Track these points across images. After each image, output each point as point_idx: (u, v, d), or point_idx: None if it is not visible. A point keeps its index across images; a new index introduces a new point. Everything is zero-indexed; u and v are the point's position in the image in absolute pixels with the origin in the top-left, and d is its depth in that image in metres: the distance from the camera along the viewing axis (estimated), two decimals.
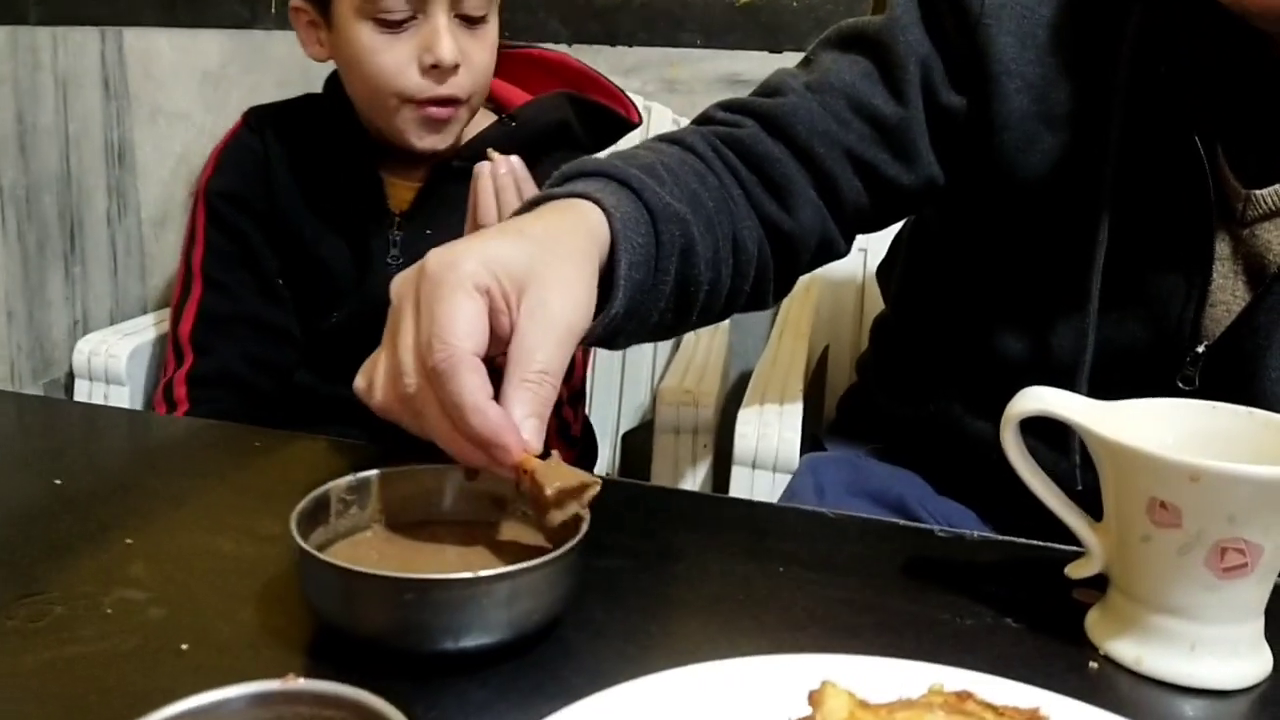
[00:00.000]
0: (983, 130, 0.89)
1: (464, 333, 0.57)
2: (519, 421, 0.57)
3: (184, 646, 0.57)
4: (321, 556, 0.55)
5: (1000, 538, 0.74)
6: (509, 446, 0.56)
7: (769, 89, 0.93)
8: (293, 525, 0.58)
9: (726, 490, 1.28)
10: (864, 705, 0.43)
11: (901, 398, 1.06)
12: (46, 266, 1.81)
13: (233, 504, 0.75)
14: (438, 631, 0.54)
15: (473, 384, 0.56)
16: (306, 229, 1.31)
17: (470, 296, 0.58)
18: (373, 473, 0.66)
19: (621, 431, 1.78)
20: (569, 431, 1.33)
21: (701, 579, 0.67)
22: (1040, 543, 0.73)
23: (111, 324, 1.79)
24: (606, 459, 1.74)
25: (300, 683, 0.45)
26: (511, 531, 0.66)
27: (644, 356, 1.77)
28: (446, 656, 0.54)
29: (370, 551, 0.64)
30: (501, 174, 1.01)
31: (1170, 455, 0.55)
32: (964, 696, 0.47)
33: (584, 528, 0.59)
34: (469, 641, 0.54)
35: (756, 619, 0.63)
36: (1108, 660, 0.59)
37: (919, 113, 0.90)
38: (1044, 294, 0.90)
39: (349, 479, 0.65)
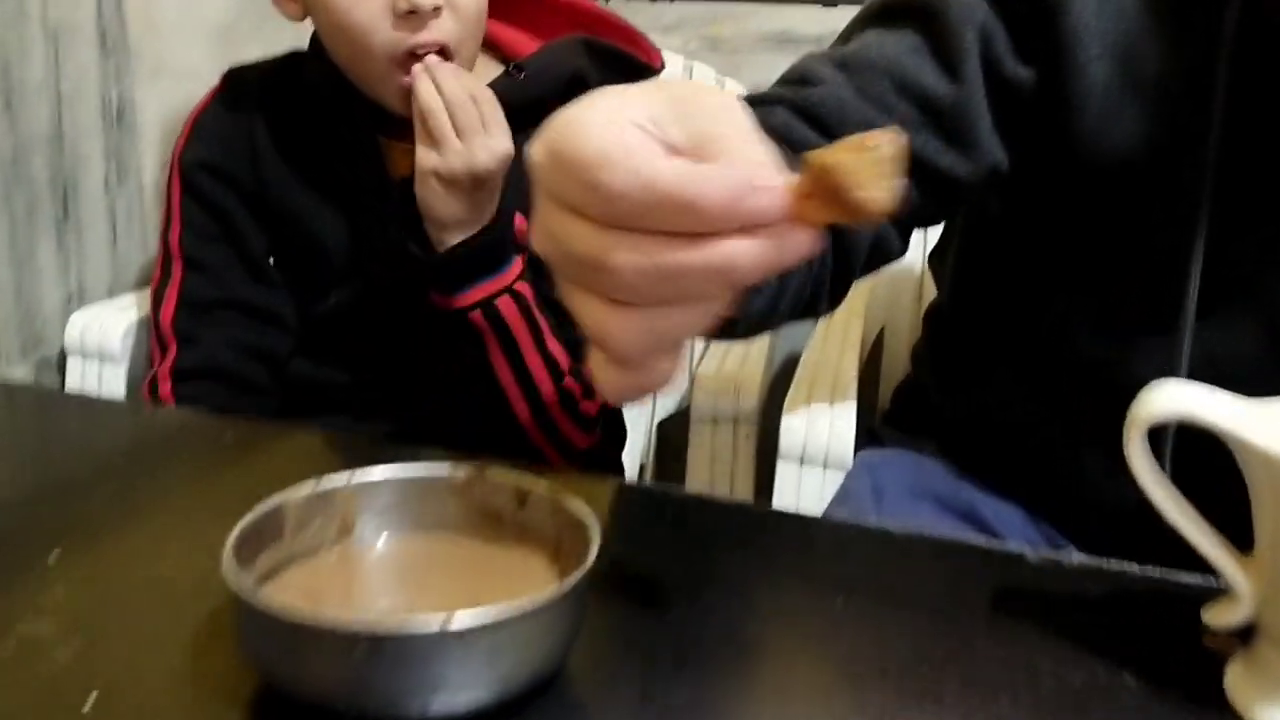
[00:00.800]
0: (1057, 106, 0.77)
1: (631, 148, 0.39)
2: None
3: (90, 700, 0.47)
4: (251, 600, 0.44)
5: (1108, 565, 0.62)
6: (767, 181, 0.38)
7: (795, 76, 0.80)
8: (227, 552, 0.47)
9: (770, 488, 1.16)
10: None
11: (956, 394, 0.94)
12: (36, 234, 1.73)
13: (185, 513, 0.65)
14: (400, 694, 0.43)
15: (669, 165, 0.39)
16: (296, 202, 1.21)
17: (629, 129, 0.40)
18: (341, 478, 0.55)
19: (657, 419, 1.67)
20: (580, 411, 1.21)
21: (741, 615, 0.56)
22: (1159, 571, 0.61)
23: (110, 298, 1.71)
24: (640, 448, 1.64)
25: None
26: (510, 553, 0.55)
27: None
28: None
29: (332, 579, 0.54)
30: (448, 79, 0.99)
31: None
32: None
33: (592, 553, 0.48)
34: (440, 705, 0.44)
35: (809, 670, 0.52)
36: None
37: (978, 90, 0.77)
38: (1129, 291, 0.77)
39: (310, 486, 0.54)
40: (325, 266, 1.21)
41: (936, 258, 1.05)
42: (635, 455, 1.61)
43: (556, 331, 1.16)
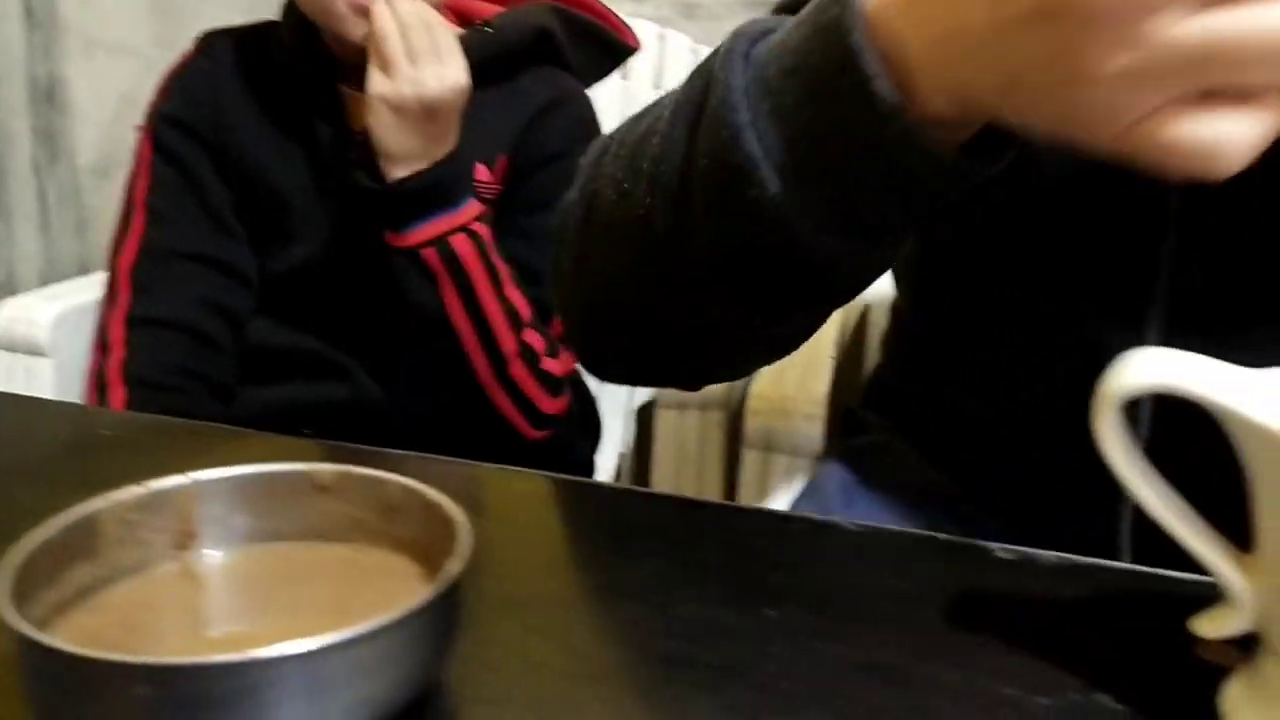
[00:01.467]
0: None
1: None
2: None
3: None
4: (21, 627, 0.37)
5: (1087, 562, 0.54)
6: None
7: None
8: (7, 572, 0.39)
9: (735, 479, 1.09)
10: None
11: (918, 386, 0.87)
12: None
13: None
14: None
15: None
16: (258, 155, 1.21)
17: None
18: (176, 479, 0.48)
19: (636, 405, 1.60)
20: (542, 369, 1.16)
21: (652, 629, 0.49)
22: (1145, 569, 0.54)
23: (43, 286, 1.65)
24: (618, 437, 1.57)
25: None
26: (378, 560, 0.48)
27: None
28: None
29: (166, 599, 0.46)
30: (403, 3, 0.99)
31: None
32: None
33: (455, 563, 0.41)
34: None
35: (728, 691, 0.44)
36: None
37: None
38: (1094, 285, 0.70)
39: (140, 492, 0.47)
40: (287, 220, 1.20)
41: None
42: (614, 445, 1.54)
43: (519, 283, 1.14)
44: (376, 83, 1.07)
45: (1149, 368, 0.41)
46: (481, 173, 1.18)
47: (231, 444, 0.72)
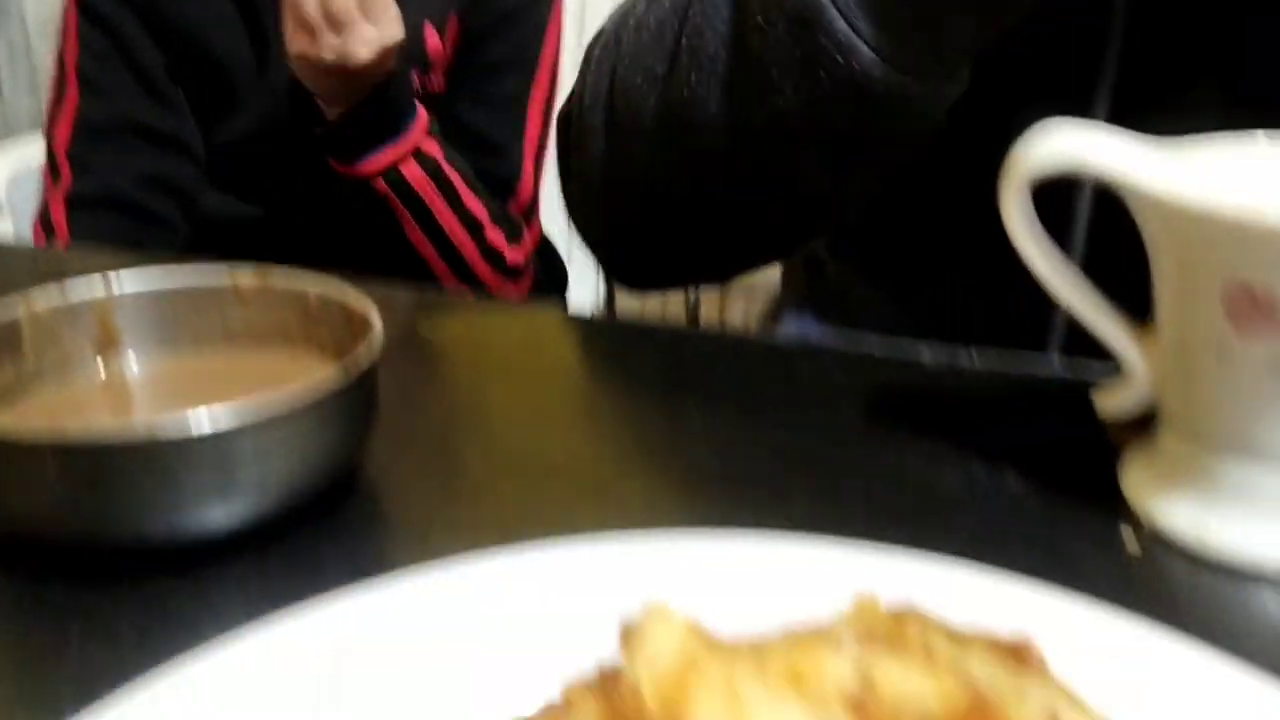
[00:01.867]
0: None
1: None
2: None
3: None
4: None
5: (1013, 366, 0.55)
6: None
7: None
8: None
9: (697, 320, 1.10)
10: (712, 646, 0.26)
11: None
12: None
13: None
14: (122, 513, 0.37)
15: None
16: (193, 16, 1.16)
17: None
18: (95, 284, 0.48)
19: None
20: (503, 261, 1.16)
21: (572, 422, 0.50)
22: (1066, 364, 0.55)
23: None
24: (593, 285, 1.57)
25: None
26: (299, 365, 0.49)
27: None
28: (133, 551, 0.38)
29: (88, 403, 0.47)
30: None
31: (1271, 217, 0.36)
32: (901, 619, 0.29)
33: (369, 348, 0.42)
34: (185, 522, 0.37)
35: (645, 478, 0.46)
36: (1154, 536, 0.42)
37: None
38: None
39: (55, 294, 0.47)
40: (228, 87, 1.16)
41: None
42: (590, 292, 1.55)
43: (474, 184, 1.12)
44: (294, 42, 1.00)
45: (1057, 145, 0.41)
46: (432, 39, 1.14)
47: None
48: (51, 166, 1.18)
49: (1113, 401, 0.44)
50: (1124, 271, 0.43)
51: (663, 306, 1.30)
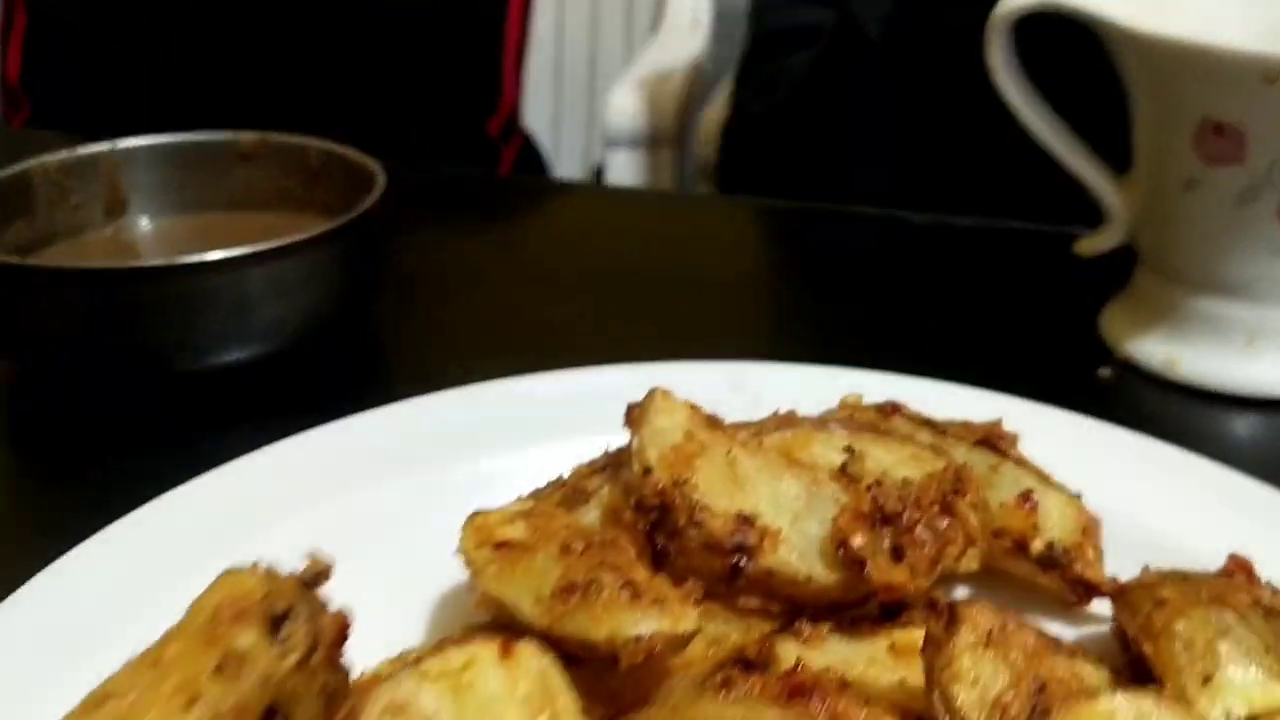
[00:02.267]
0: None
1: None
2: None
3: None
4: None
5: (1000, 224, 0.57)
6: None
7: None
8: None
9: None
10: (711, 423, 0.28)
11: None
12: None
13: None
14: (148, 341, 0.39)
15: None
16: None
17: None
18: (102, 145, 0.49)
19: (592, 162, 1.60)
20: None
21: (561, 281, 0.52)
22: (1053, 227, 0.57)
23: None
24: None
25: None
26: (304, 224, 0.50)
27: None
28: (188, 374, 0.40)
29: (101, 252, 0.49)
30: None
31: (1235, 48, 0.37)
32: (888, 410, 0.32)
33: (373, 195, 0.44)
34: (201, 353, 0.40)
35: (628, 320, 0.48)
36: (1127, 367, 0.44)
37: None
38: None
39: (66, 154, 0.48)
40: None
41: None
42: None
43: None
44: None
45: None
46: None
47: None
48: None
49: (1091, 245, 0.46)
50: (1102, 126, 0.45)
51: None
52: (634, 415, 0.28)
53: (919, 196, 0.63)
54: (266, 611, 0.20)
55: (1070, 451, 0.32)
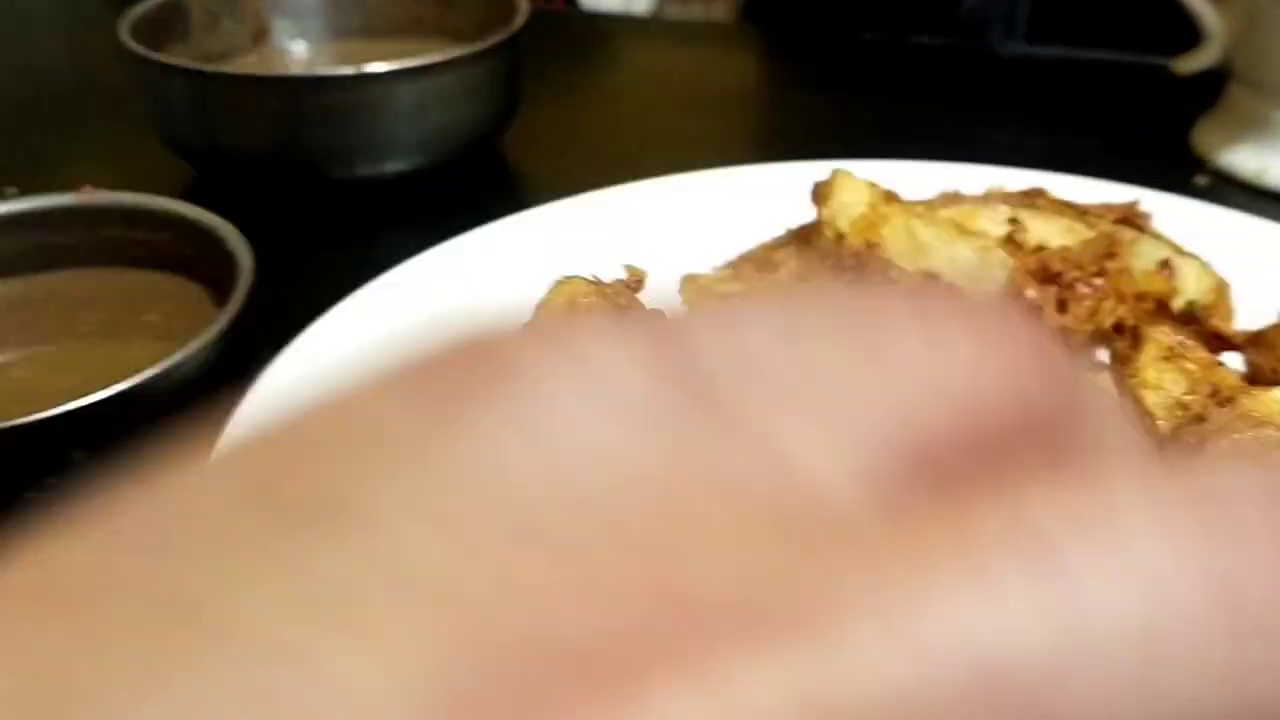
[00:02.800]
0: None
1: None
2: None
3: (10, 190, 0.46)
4: (155, 56, 0.43)
5: (1087, 54, 0.60)
6: None
7: None
8: (126, 33, 0.45)
9: None
10: (890, 198, 0.32)
11: None
12: None
13: None
14: (321, 149, 0.43)
15: None
16: None
17: None
18: None
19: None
20: None
21: (671, 90, 0.56)
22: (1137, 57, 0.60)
23: None
24: None
25: (100, 195, 0.34)
26: (437, 45, 0.53)
27: None
28: (339, 185, 0.44)
29: None
30: None
31: None
32: (1033, 194, 0.35)
33: (518, 21, 0.47)
34: (369, 164, 0.43)
35: (742, 128, 0.51)
36: (1220, 176, 0.48)
37: None
38: None
39: None
40: None
41: None
42: None
43: None
44: None
45: None
46: None
47: None
48: None
49: (1190, 63, 0.49)
50: None
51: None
52: (820, 191, 0.32)
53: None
54: (610, 307, 0.24)
55: (1194, 230, 0.36)
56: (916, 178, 0.39)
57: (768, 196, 0.38)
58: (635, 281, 0.26)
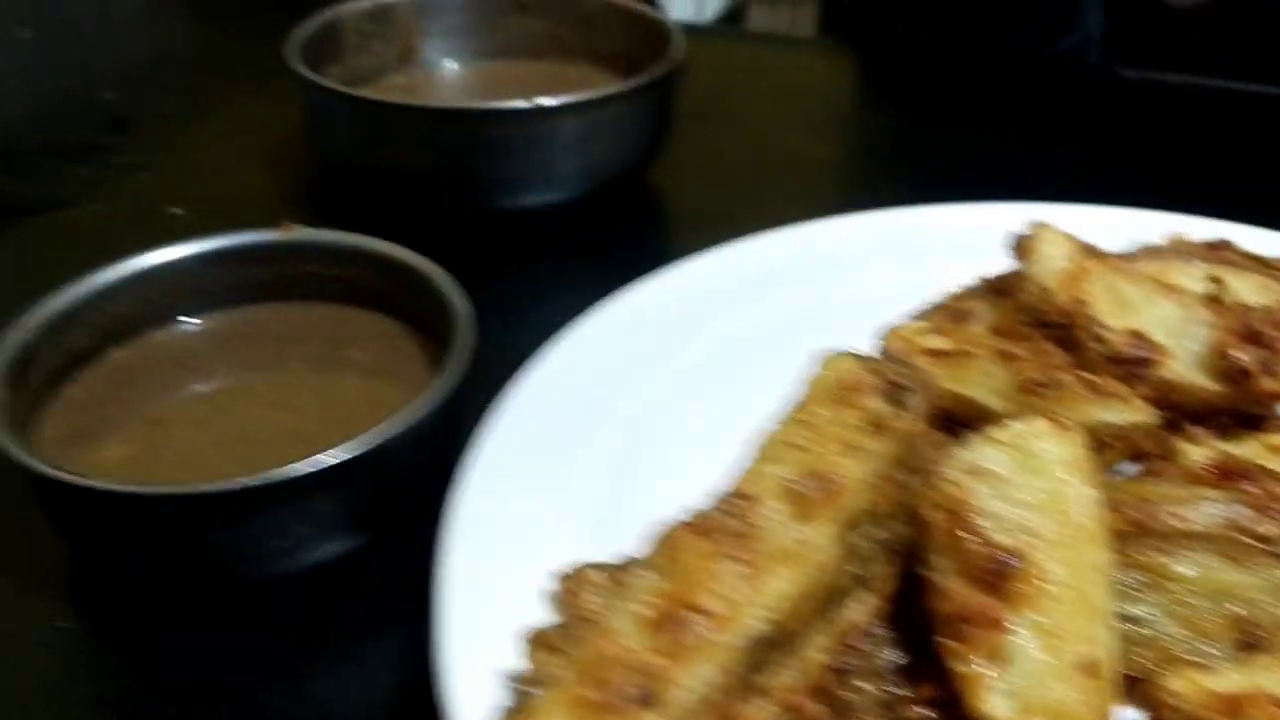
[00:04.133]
0: None
1: None
2: None
3: (176, 211, 0.48)
4: (334, 85, 0.44)
5: (1171, 78, 0.59)
6: None
7: None
8: (293, 56, 0.46)
9: None
10: (1091, 252, 0.32)
11: None
12: None
13: None
14: (487, 179, 0.44)
15: None
16: None
17: None
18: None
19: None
20: None
21: (812, 127, 0.56)
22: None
23: None
24: None
25: (304, 232, 0.35)
26: (580, 71, 0.54)
27: None
28: (496, 213, 0.45)
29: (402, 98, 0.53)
30: None
31: None
32: (1219, 246, 0.35)
33: (675, 47, 0.47)
34: (529, 194, 0.44)
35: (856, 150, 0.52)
36: None
37: None
38: None
39: (370, 2, 0.52)
40: None
41: None
42: None
43: None
44: None
45: None
46: None
47: None
48: None
49: None
50: None
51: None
52: (1023, 244, 0.32)
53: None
54: (884, 384, 0.24)
55: None
56: (1092, 222, 0.39)
57: (944, 237, 0.39)
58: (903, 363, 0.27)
